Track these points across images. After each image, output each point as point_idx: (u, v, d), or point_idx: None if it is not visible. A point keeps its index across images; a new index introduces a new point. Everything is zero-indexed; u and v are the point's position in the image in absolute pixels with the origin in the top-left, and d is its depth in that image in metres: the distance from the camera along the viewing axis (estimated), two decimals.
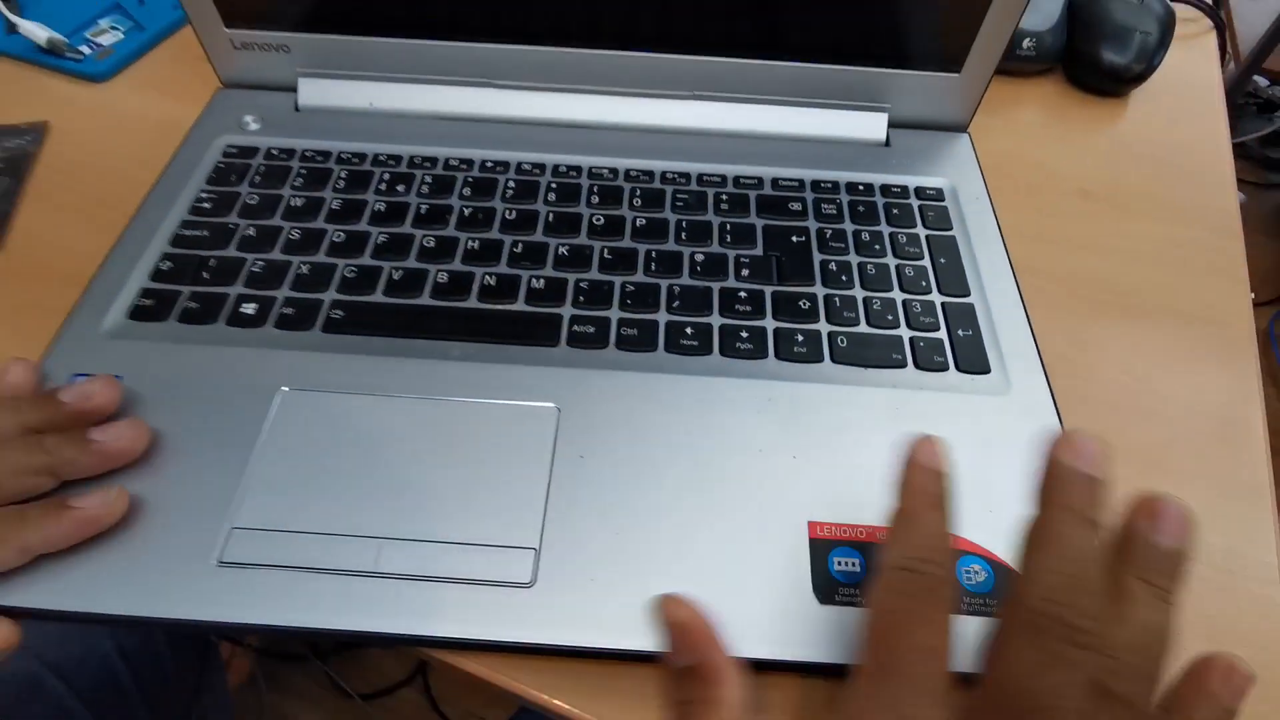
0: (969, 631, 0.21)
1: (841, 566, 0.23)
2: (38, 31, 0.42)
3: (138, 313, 0.28)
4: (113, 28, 0.44)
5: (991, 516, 0.24)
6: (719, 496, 0.24)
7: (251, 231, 0.31)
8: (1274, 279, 1.31)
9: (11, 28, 0.43)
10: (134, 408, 0.26)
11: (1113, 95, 0.42)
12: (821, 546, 0.23)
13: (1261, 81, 1.49)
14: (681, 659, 0.19)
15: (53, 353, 0.27)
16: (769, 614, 0.22)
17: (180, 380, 0.26)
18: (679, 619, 0.19)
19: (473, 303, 0.29)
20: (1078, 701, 0.16)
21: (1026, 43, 0.41)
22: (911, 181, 0.34)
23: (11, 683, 0.39)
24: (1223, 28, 0.47)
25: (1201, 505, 0.19)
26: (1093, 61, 0.41)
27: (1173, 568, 0.17)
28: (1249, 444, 0.28)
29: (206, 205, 0.32)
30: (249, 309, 0.29)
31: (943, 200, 0.33)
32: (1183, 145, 0.40)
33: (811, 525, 0.24)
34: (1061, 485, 0.18)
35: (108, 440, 0.23)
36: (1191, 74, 0.44)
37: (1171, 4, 0.47)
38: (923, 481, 0.20)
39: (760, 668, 0.21)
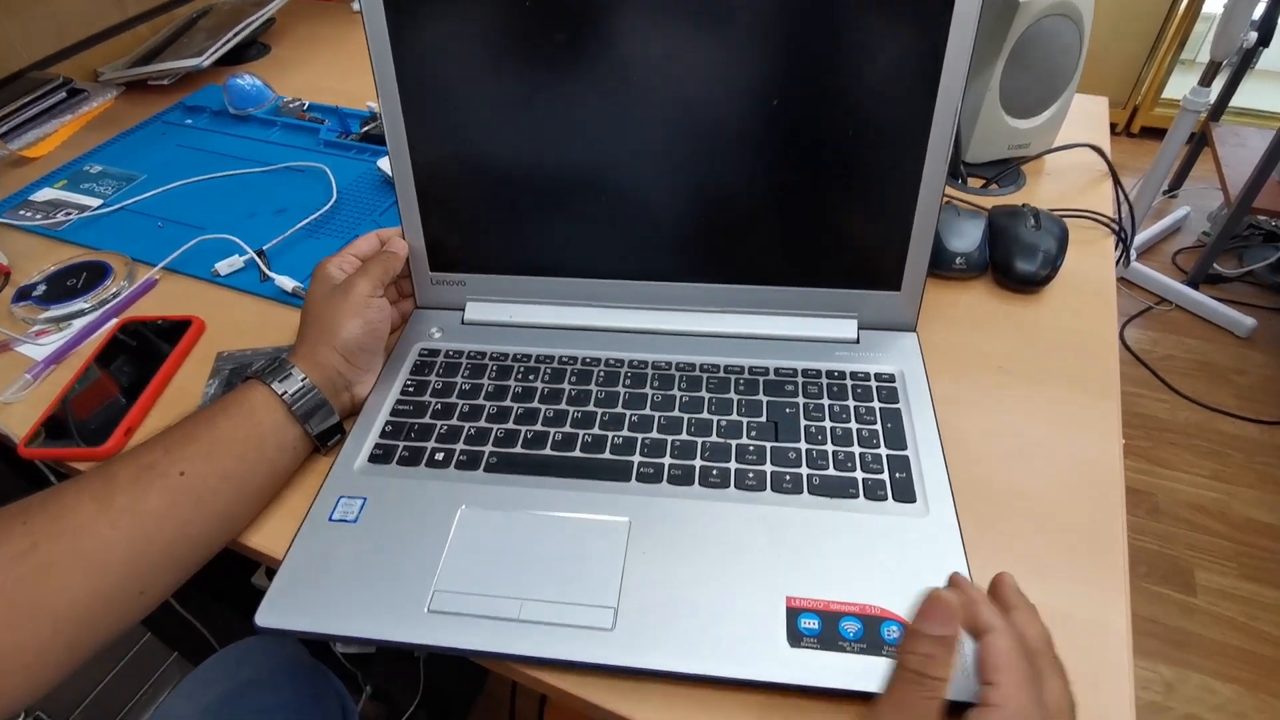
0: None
1: (807, 625, 0.37)
2: (286, 281, 0.62)
3: (373, 458, 0.46)
4: None
5: (908, 595, 0.37)
6: (731, 577, 0.39)
7: (438, 406, 0.49)
8: None
9: (266, 278, 0.63)
10: (375, 517, 0.43)
11: (1027, 293, 0.58)
12: (794, 612, 0.37)
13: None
14: (936, 629, 0.28)
15: (327, 481, 0.45)
16: (756, 651, 0.36)
17: (401, 500, 0.44)
18: (945, 600, 0.29)
19: (577, 454, 0.46)
20: None
21: (958, 260, 0.57)
22: (872, 368, 0.50)
23: None
24: (1122, 233, 0.62)
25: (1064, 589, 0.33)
26: (1008, 270, 0.57)
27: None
28: (1110, 545, 0.40)
29: (410, 389, 0.50)
30: (439, 456, 0.46)
31: (893, 382, 0.49)
32: (1079, 329, 0.54)
33: (788, 598, 0.38)
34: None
35: None
36: (1090, 272, 0.59)
37: (1077, 216, 0.63)
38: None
39: (746, 685, 0.35)
